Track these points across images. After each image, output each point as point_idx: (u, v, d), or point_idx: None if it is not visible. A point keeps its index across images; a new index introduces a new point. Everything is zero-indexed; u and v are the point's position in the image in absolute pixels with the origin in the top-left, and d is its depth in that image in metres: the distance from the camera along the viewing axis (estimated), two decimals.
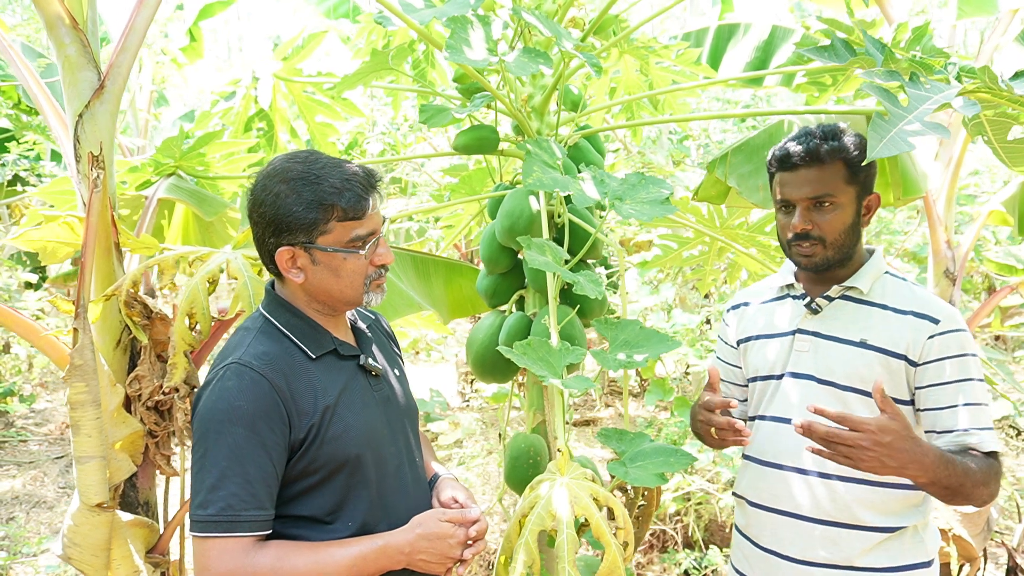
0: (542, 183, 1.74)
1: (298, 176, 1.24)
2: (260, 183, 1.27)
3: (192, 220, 2.57)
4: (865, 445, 1.21)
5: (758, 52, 3.88)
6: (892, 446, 1.21)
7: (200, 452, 1.18)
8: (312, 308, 1.32)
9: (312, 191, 1.23)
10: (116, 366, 1.68)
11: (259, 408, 1.17)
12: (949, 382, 1.42)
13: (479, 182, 2.73)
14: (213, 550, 1.14)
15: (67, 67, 1.65)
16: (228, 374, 1.20)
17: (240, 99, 2.70)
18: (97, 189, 1.46)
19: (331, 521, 1.26)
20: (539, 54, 1.74)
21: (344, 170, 1.27)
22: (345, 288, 1.29)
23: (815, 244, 1.48)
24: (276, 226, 1.25)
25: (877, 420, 1.22)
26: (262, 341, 1.26)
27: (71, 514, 1.47)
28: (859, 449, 1.21)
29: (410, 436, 1.43)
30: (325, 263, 1.27)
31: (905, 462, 1.23)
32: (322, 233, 1.25)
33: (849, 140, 1.45)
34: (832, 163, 1.45)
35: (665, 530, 4.17)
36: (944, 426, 1.43)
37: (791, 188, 1.48)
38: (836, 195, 1.45)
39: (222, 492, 1.14)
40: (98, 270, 1.64)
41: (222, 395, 1.18)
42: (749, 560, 1.62)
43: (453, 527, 1.30)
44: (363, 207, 1.26)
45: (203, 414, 1.19)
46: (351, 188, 1.25)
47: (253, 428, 1.16)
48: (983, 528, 3.08)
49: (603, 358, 1.79)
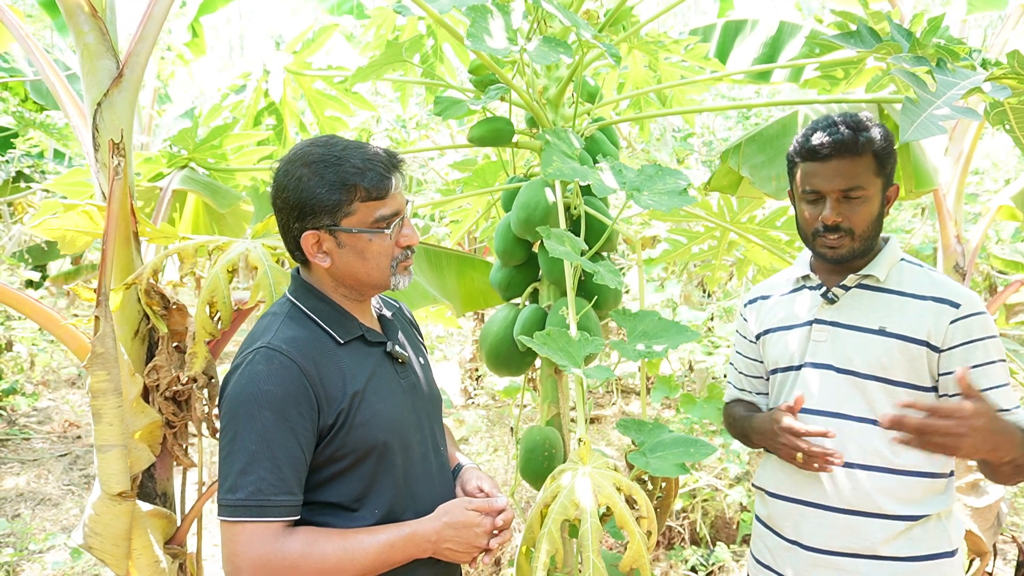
0: (561, 172, 1.74)
1: (319, 159, 1.24)
2: (282, 169, 1.27)
3: (203, 212, 2.56)
4: (962, 432, 1.21)
5: (766, 48, 3.88)
6: (986, 428, 1.21)
7: (229, 436, 1.17)
8: (339, 293, 1.32)
9: (334, 172, 1.23)
10: (134, 356, 1.68)
11: (288, 392, 1.16)
12: (978, 365, 1.42)
13: (492, 175, 2.73)
14: (243, 535, 1.13)
15: (86, 55, 1.64)
16: (257, 358, 1.19)
17: (251, 92, 2.69)
18: (118, 177, 1.45)
19: (357, 508, 1.26)
20: (559, 43, 1.74)
21: (365, 151, 1.26)
22: (372, 270, 1.29)
23: (843, 236, 1.46)
24: (300, 210, 1.24)
25: (972, 405, 1.22)
26: (290, 326, 1.25)
27: (92, 503, 1.46)
28: (955, 436, 1.21)
29: (435, 424, 1.43)
30: (351, 246, 1.26)
31: (999, 443, 1.24)
32: (346, 215, 1.24)
33: (877, 131, 1.44)
34: (865, 155, 1.43)
35: (672, 526, 4.16)
36: None
37: (821, 179, 1.46)
38: (867, 187, 1.44)
39: (251, 476, 1.13)
40: (118, 260, 1.63)
41: (251, 379, 1.17)
42: (772, 551, 1.61)
43: (480, 516, 1.29)
44: (386, 186, 1.26)
45: (232, 398, 1.18)
46: (373, 168, 1.24)
47: (282, 413, 1.15)
48: (993, 523, 3.08)
49: (623, 348, 1.79)
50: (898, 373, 1.46)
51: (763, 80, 3.73)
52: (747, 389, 1.77)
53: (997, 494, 3.04)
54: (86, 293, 1.53)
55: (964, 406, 1.22)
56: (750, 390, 1.77)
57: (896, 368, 1.46)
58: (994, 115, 1.59)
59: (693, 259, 3.31)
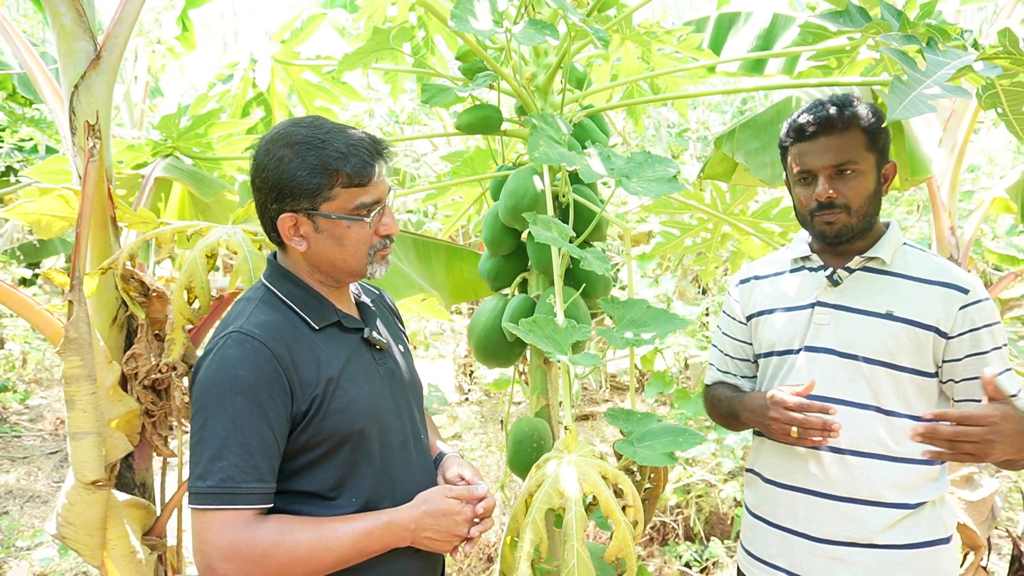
0: (548, 157, 1.71)
1: (302, 140, 1.21)
2: (263, 147, 1.24)
3: (189, 202, 2.53)
4: (992, 439, 1.20)
5: (759, 40, 3.86)
6: (1014, 432, 1.21)
7: (199, 422, 1.14)
8: (315, 279, 1.29)
9: (317, 155, 1.20)
10: (112, 344, 1.64)
11: (260, 377, 1.13)
12: (986, 351, 1.40)
13: (480, 164, 2.70)
14: (213, 523, 1.10)
15: (63, 37, 1.61)
16: (229, 343, 1.16)
17: (238, 81, 2.66)
18: (93, 159, 1.42)
19: (334, 497, 1.23)
20: (545, 26, 1.71)
21: (350, 135, 1.23)
22: (348, 257, 1.26)
23: (839, 212, 1.45)
24: (279, 191, 1.21)
25: (1001, 409, 1.21)
26: (264, 311, 1.22)
27: (65, 492, 1.43)
28: (987, 443, 1.20)
29: (415, 412, 1.40)
30: (329, 231, 1.23)
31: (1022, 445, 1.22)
32: (326, 200, 1.21)
33: (864, 107, 1.43)
34: (851, 130, 1.43)
35: (666, 522, 4.14)
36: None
37: (811, 157, 1.46)
38: (858, 162, 1.43)
39: (222, 463, 1.10)
40: (94, 244, 1.60)
41: (222, 364, 1.14)
42: (762, 541, 1.58)
43: (460, 504, 1.27)
44: (369, 173, 1.23)
45: (202, 383, 1.15)
46: (357, 154, 1.22)
47: (254, 398, 1.13)
48: (987, 516, 3.06)
49: (611, 336, 1.76)
50: (904, 358, 1.44)
51: (757, 72, 3.71)
52: (731, 371, 1.73)
53: (991, 488, 3.02)
54: (59, 277, 1.50)
55: (992, 412, 1.21)
56: (735, 373, 1.73)
57: (902, 353, 1.43)
58: (986, 98, 1.56)
59: (686, 252, 3.29)
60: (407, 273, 2.16)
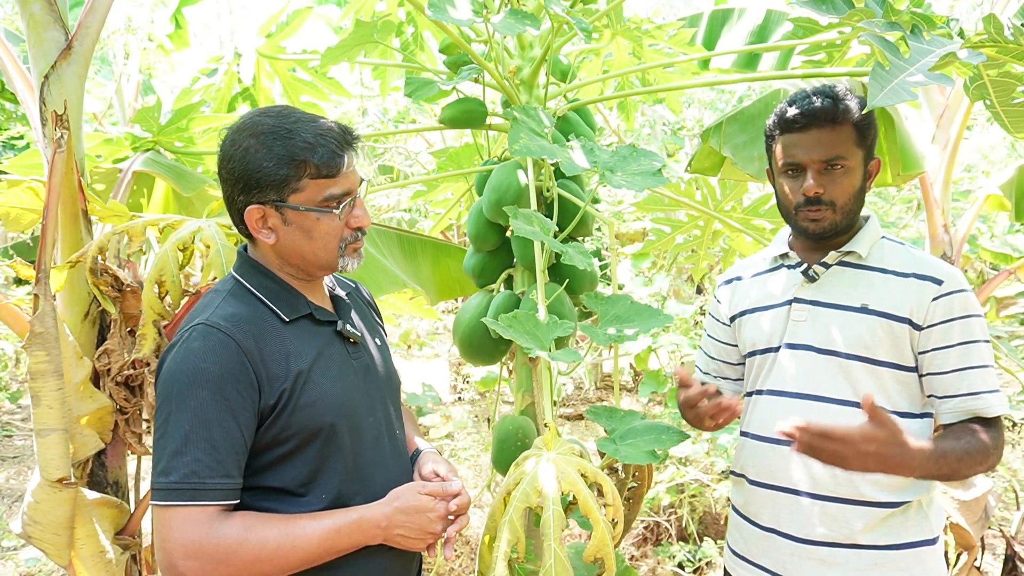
0: (529, 150, 1.68)
1: (269, 130, 1.17)
2: (229, 137, 1.21)
3: (172, 197, 2.50)
4: (848, 454, 1.23)
5: (753, 36, 3.83)
6: (877, 453, 1.23)
7: (163, 416, 1.11)
8: (285, 271, 1.26)
9: (283, 146, 1.16)
10: (84, 339, 1.61)
11: (226, 370, 1.10)
12: (954, 345, 1.36)
13: (466, 159, 2.67)
14: (175, 519, 1.07)
15: (32, 26, 1.57)
16: (194, 335, 1.13)
17: (221, 75, 2.63)
18: (61, 150, 1.39)
19: (304, 493, 1.20)
20: (526, 15, 1.68)
21: (318, 125, 1.20)
22: (319, 251, 1.23)
23: (825, 209, 1.41)
24: (245, 183, 1.18)
25: (861, 430, 1.23)
26: (231, 303, 1.19)
27: (31, 490, 1.40)
28: (843, 458, 1.24)
29: (390, 407, 1.37)
30: (297, 223, 1.20)
31: (892, 466, 1.25)
32: (294, 191, 1.18)
33: (856, 102, 1.39)
34: (844, 125, 1.38)
35: (659, 522, 4.11)
36: (947, 391, 1.38)
37: (801, 150, 1.41)
38: (847, 158, 1.39)
39: (186, 458, 1.07)
40: (65, 238, 1.56)
41: (187, 357, 1.11)
42: (747, 540, 1.56)
43: (433, 500, 1.24)
44: (337, 164, 1.20)
45: (167, 376, 1.12)
46: (325, 144, 1.18)
47: (220, 391, 1.10)
48: (981, 516, 3.03)
49: (593, 332, 1.73)
50: (881, 352, 1.41)
51: (751, 68, 3.68)
52: (711, 372, 1.71)
53: (984, 487, 2.99)
54: (25, 271, 1.47)
55: (853, 432, 1.22)
56: (715, 374, 1.71)
57: (879, 347, 1.40)
58: (974, 89, 1.53)
59: (678, 249, 3.26)
60: (390, 269, 2.12)
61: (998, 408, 1.35)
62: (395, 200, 5.16)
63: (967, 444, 1.32)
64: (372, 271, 2.06)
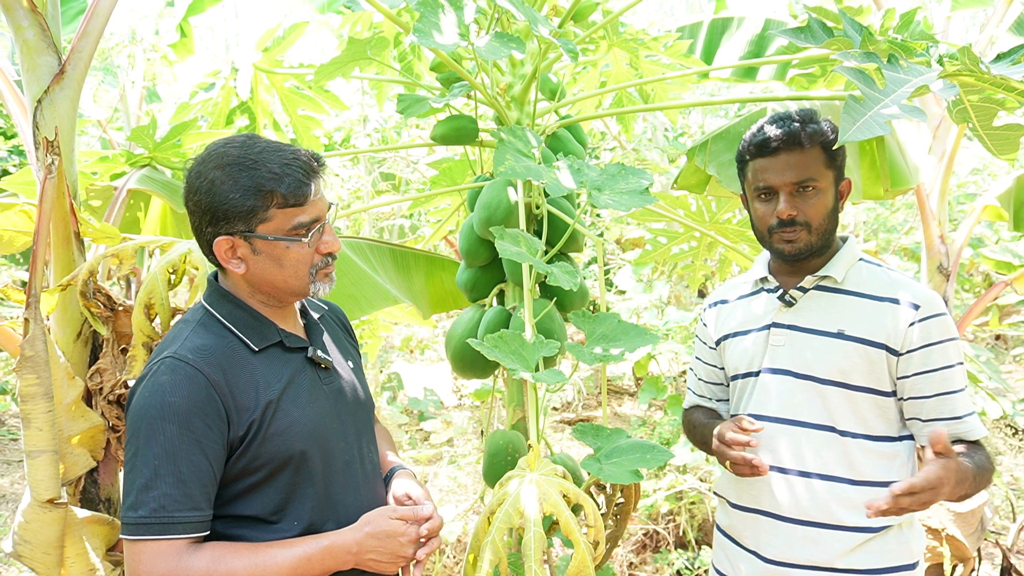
0: (514, 172, 1.69)
1: (234, 161, 1.18)
2: (195, 169, 1.21)
3: (170, 214, 2.53)
4: (928, 500, 1.22)
5: (751, 46, 3.84)
6: (954, 484, 1.24)
7: (132, 451, 1.12)
8: (256, 299, 1.27)
9: (249, 177, 1.17)
10: (76, 359, 1.64)
11: (194, 404, 1.12)
12: (935, 370, 1.38)
13: (460, 174, 2.69)
14: (144, 553, 1.08)
15: (26, 51, 1.60)
16: (162, 369, 1.14)
17: (219, 90, 2.65)
18: (51, 176, 1.42)
19: (276, 520, 1.21)
20: (511, 38, 1.70)
21: (284, 154, 1.20)
22: (289, 278, 1.24)
23: (800, 230, 1.43)
24: (213, 215, 1.18)
25: (936, 472, 1.22)
26: (200, 334, 1.20)
27: (22, 511, 1.42)
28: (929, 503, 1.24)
29: (363, 430, 1.38)
30: (267, 252, 1.21)
31: (959, 491, 1.27)
32: (262, 221, 1.19)
33: (826, 124, 1.42)
34: (812, 147, 1.41)
35: (658, 530, 4.11)
36: (931, 415, 1.39)
37: (772, 174, 1.43)
38: (818, 180, 1.41)
39: (154, 492, 1.09)
40: (57, 260, 1.59)
41: (155, 391, 1.12)
42: (731, 561, 1.57)
43: (404, 525, 1.25)
44: (304, 193, 1.20)
45: (135, 411, 1.13)
46: (291, 173, 1.19)
47: (187, 425, 1.11)
48: (977, 528, 3.02)
49: (579, 352, 1.74)
50: (857, 378, 1.42)
51: (750, 77, 3.68)
52: (706, 395, 1.72)
53: (980, 499, 2.99)
54: (15, 295, 1.50)
55: (931, 475, 1.21)
56: (709, 396, 1.72)
57: (855, 372, 1.42)
58: (956, 113, 1.54)
59: (674, 259, 3.27)
60: (381, 284, 2.14)
61: (979, 431, 1.38)
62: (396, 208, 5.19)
63: (977, 459, 1.34)
64: (363, 288, 2.08)
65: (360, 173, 5.19)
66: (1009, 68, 1.22)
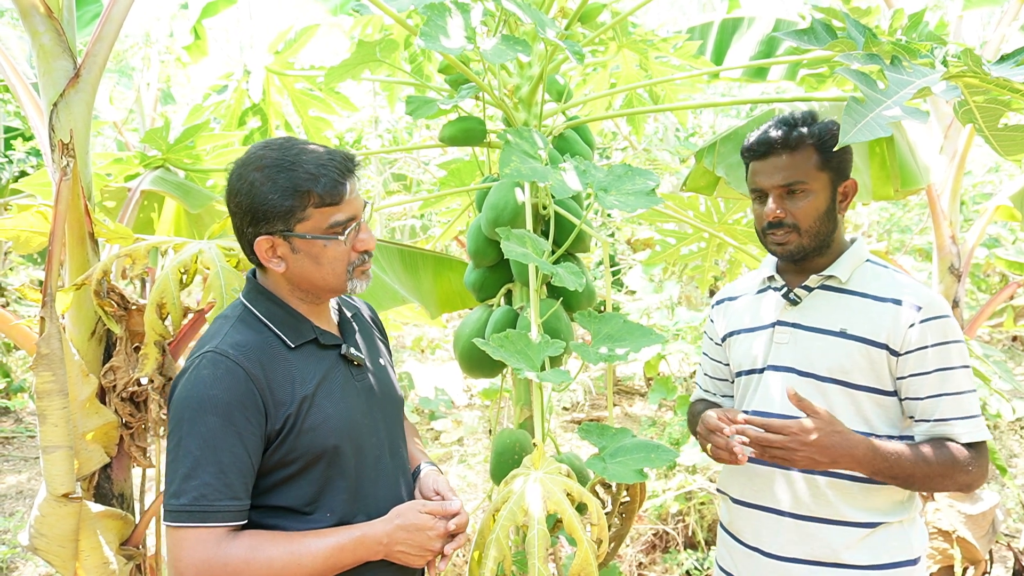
0: (520, 173, 1.71)
1: (272, 163, 1.22)
2: (236, 172, 1.26)
3: (183, 214, 2.56)
4: (792, 446, 1.31)
5: (762, 46, 3.83)
6: (819, 443, 1.30)
7: (174, 441, 1.17)
8: (295, 297, 1.31)
9: (287, 178, 1.21)
10: (91, 356, 1.67)
11: (234, 397, 1.16)
12: (930, 371, 1.38)
13: (468, 174, 2.71)
14: (186, 540, 1.13)
15: (42, 56, 1.64)
16: (203, 363, 1.19)
17: (231, 92, 2.69)
18: (67, 177, 1.45)
19: (310, 512, 1.25)
20: (517, 41, 1.71)
21: (320, 155, 1.25)
22: (327, 275, 1.28)
23: (789, 232, 1.45)
24: (253, 215, 1.23)
25: (797, 421, 1.32)
26: (240, 330, 1.25)
27: (38, 504, 1.46)
28: (788, 450, 1.31)
29: (393, 426, 1.42)
30: (305, 251, 1.25)
31: (836, 456, 1.32)
32: (300, 220, 1.23)
33: (820, 126, 1.43)
34: (802, 149, 1.42)
35: (667, 530, 4.12)
36: (922, 415, 1.41)
37: (763, 176, 1.47)
38: (808, 182, 1.43)
39: (195, 482, 1.13)
40: (72, 260, 1.63)
41: (196, 384, 1.17)
42: (733, 557, 1.59)
43: (433, 519, 1.28)
44: (340, 192, 1.24)
45: (177, 403, 1.18)
46: (327, 173, 1.23)
47: (228, 417, 1.15)
48: (988, 530, 3.00)
49: (584, 352, 1.76)
50: (859, 376, 1.43)
51: (760, 77, 3.68)
52: (711, 390, 1.75)
53: (992, 501, 2.97)
54: (32, 294, 1.53)
55: (791, 422, 1.31)
56: (714, 392, 1.74)
57: (856, 371, 1.43)
58: (962, 113, 1.54)
59: (683, 260, 3.27)
60: (389, 285, 2.17)
61: (975, 434, 1.37)
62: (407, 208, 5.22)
63: (929, 454, 1.35)
64: (372, 288, 2.10)
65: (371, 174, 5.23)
66: (1011, 70, 1.22)
